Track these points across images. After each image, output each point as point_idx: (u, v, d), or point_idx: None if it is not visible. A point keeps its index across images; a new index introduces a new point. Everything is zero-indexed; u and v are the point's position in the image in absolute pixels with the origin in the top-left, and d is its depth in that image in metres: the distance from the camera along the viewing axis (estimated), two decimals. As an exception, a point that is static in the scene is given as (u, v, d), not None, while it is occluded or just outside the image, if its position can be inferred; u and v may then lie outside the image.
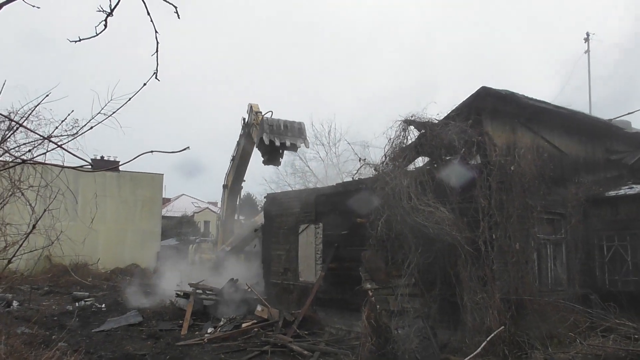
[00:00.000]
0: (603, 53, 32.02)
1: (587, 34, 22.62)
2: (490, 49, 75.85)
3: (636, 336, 9.17)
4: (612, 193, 11.90)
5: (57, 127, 5.29)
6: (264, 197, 17.69)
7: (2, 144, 5.67)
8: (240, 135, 19.49)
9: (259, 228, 18.22)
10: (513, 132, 11.02)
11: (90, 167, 3.13)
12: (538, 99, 11.07)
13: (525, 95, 10.81)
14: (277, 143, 15.46)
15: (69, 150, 3.00)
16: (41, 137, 4.63)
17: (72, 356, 8.11)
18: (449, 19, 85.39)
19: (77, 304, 17.08)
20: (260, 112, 17.98)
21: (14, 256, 5.41)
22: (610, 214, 11.75)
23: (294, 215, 14.99)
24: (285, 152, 16.43)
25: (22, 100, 5.50)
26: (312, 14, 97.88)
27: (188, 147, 3.05)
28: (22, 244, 5.52)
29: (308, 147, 17.39)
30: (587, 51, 22.52)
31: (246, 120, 18.91)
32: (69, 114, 5.13)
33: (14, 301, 16.16)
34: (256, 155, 19.10)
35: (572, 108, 12.21)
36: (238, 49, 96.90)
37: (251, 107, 18.42)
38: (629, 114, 15.49)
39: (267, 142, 15.55)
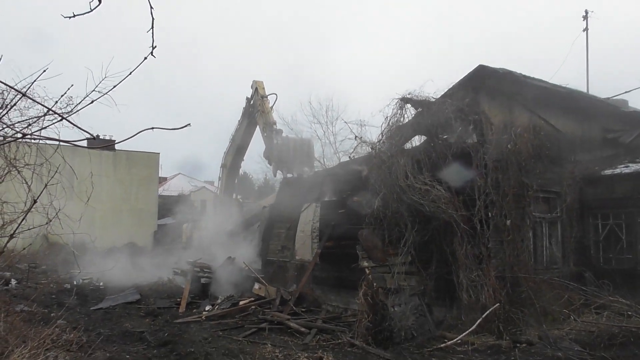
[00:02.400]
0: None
1: (586, 12, 22.36)
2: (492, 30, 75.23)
3: (629, 313, 9.28)
4: (608, 172, 11.93)
5: (56, 102, 5.22)
6: (281, 181, 18.10)
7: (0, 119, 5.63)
8: (243, 114, 19.44)
9: (267, 206, 18.32)
10: (510, 110, 11.00)
11: (93, 138, 3.10)
12: (535, 77, 11.03)
13: (523, 73, 10.76)
14: (285, 174, 17.31)
15: (74, 122, 2.96)
16: (48, 109, 4.53)
17: (71, 333, 8.18)
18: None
19: (75, 282, 17.15)
20: (266, 97, 18.35)
21: (15, 231, 5.39)
22: (606, 192, 11.78)
23: (301, 195, 15.12)
24: None
25: (15, 78, 5.42)
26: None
27: (189, 124, 3.02)
28: (22, 220, 5.51)
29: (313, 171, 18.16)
30: (586, 29, 22.30)
31: (250, 101, 18.89)
32: (68, 88, 5.04)
33: (12, 279, 16.21)
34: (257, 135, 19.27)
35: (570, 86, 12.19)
36: (233, 24, 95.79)
37: (256, 88, 18.44)
38: (625, 92, 15.50)
39: (275, 176, 18.45)
